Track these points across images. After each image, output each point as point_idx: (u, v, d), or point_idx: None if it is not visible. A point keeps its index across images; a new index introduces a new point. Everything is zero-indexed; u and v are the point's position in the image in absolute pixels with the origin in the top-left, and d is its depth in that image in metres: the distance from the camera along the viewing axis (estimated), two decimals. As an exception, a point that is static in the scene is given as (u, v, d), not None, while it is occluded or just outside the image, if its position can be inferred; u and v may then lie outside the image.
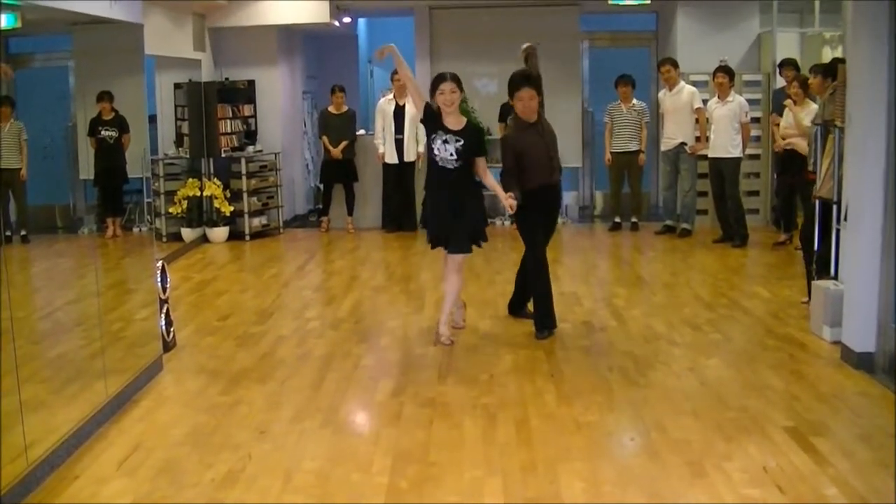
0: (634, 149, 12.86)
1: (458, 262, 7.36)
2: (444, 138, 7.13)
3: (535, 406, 5.90)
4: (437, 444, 5.33)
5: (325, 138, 13.22)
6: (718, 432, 5.38)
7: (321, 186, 14.04)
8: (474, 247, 7.47)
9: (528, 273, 7.84)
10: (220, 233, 12.82)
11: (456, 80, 7.24)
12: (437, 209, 7.37)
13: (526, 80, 7.49)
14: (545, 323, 7.61)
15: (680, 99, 12.37)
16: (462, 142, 7.12)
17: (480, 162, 7.34)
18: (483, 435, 5.45)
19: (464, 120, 7.31)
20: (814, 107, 9.82)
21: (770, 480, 4.72)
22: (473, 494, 4.67)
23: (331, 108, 13.32)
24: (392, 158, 12.92)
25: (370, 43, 18.28)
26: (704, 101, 12.30)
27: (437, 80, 7.27)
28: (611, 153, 12.92)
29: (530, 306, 7.98)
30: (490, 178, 7.46)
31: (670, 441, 5.28)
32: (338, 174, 13.38)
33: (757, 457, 5.01)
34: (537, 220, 7.64)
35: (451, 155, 7.14)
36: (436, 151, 7.19)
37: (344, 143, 13.08)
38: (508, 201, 7.16)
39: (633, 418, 5.70)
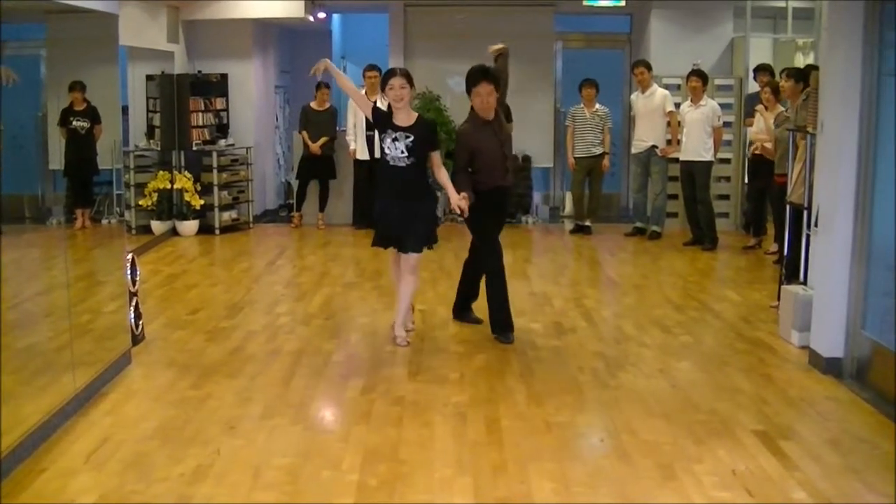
0: (599, 152, 12.84)
1: (412, 262, 7.23)
2: (393, 136, 6.98)
3: (505, 406, 5.90)
4: (407, 442, 5.32)
5: (304, 133, 13.17)
6: (688, 435, 5.40)
7: (292, 182, 14.00)
8: (434, 246, 7.41)
9: (485, 272, 7.58)
10: (189, 226, 12.75)
11: (406, 75, 7.11)
12: (388, 209, 7.16)
13: (484, 74, 7.27)
14: (510, 324, 7.47)
15: (652, 101, 12.40)
16: (412, 137, 6.97)
17: (435, 157, 7.22)
18: (453, 434, 5.44)
19: (414, 115, 7.18)
20: (782, 110, 9.90)
21: (739, 484, 4.74)
22: (444, 493, 4.66)
23: (313, 104, 13.30)
24: (363, 155, 12.88)
25: (344, 38, 18.28)
26: (677, 105, 12.36)
27: (388, 76, 7.13)
28: (574, 157, 12.89)
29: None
30: (444, 174, 7.27)
31: (640, 443, 5.29)
32: (315, 170, 13.34)
33: (726, 460, 5.03)
34: (490, 220, 7.54)
35: (402, 152, 6.99)
36: (386, 150, 7.06)
37: (323, 140, 13.04)
38: (461, 203, 7.09)
39: (604, 419, 5.71)
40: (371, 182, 13.01)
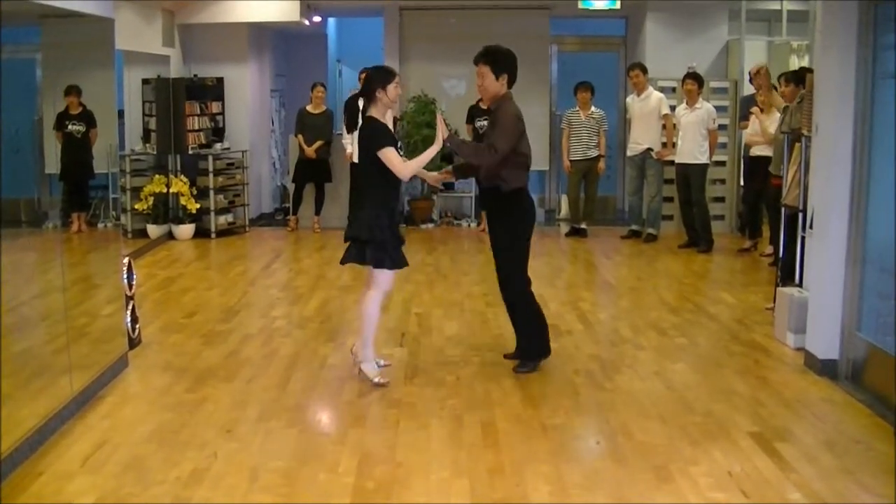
0: (594, 155, 12.86)
1: None
2: (398, 145, 6.44)
3: (501, 408, 5.91)
4: (403, 445, 5.33)
5: (300, 137, 13.17)
6: (684, 437, 5.41)
7: (288, 185, 13.99)
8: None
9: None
10: (185, 230, 12.76)
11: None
12: (394, 224, 6.43)
13: (480, 55, 6.57)
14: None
15: (648, 104, 12.42)
16: (399, 142, 6.61)
17: None
18: (450, 436, 5.45)
19: None
20: (779, 115, 9.91)
21: (735, 485, 4.75)
22: (440, 496, 4.67)
23: (309, 108, 13.27)
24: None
25: (340, 42, 18.29)
26: (672, 108, 12.37)
27: (391, 74, 6.51)
28: (570, 160, 12.91)
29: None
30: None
31: (636, 445, 5.30)
32: (311, 174, 13.31)
33: (722, 461, 5.05)
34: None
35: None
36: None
37: (319, 143, 13.02)
38: (441, 177, 7.00)
39: (600, 422, 5.72)
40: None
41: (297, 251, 12.05)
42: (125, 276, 7.02)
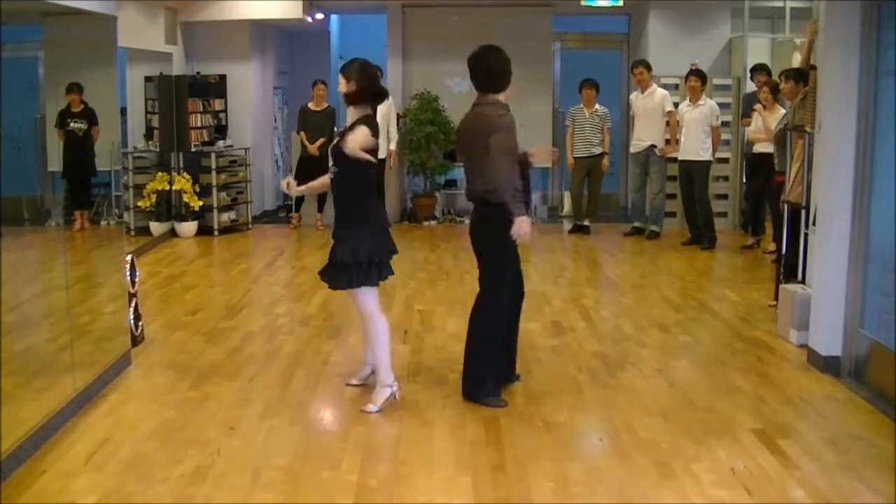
0: (598, 152, 12.86)
1: (357, 303, 5.93)
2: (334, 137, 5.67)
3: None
4: (406, 442, 5.33)
5: (302, 134, 13.15)
6: (687, 434, 5.40)
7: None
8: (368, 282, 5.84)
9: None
10: (188, 227, 12.75)
11: (342, 70, 6.00)
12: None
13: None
14: (469, 385, 6.03)
15: (651, 101, 12.41)
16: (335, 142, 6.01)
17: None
18: (452, 434, 5.45)
19: (356, 115, 6.04)
20: (782, 112, 9.90)
21: (738, 482, 4.75)
22: (443, 493, 4.66)
23: (310, 105, 13.24)
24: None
25: (342, 39, 18.26)
26: (676, 105, 12.36)
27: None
28: (574, 157, 12.91)
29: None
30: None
31: (639, 442, 5.30)
32: (314, 171, 13.21)
33: (725, 458, 5.04)
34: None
35: (330, 161, 6.15)
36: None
37: (321, 141, 12.99)
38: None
39: (603, 419, 5.72)
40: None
41: (299, 249, 12.06)
42: (128, 273, 7.02)
